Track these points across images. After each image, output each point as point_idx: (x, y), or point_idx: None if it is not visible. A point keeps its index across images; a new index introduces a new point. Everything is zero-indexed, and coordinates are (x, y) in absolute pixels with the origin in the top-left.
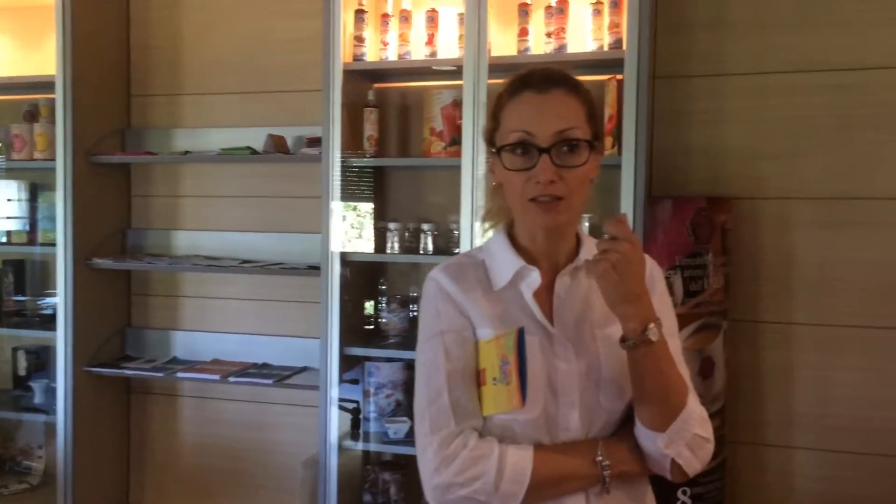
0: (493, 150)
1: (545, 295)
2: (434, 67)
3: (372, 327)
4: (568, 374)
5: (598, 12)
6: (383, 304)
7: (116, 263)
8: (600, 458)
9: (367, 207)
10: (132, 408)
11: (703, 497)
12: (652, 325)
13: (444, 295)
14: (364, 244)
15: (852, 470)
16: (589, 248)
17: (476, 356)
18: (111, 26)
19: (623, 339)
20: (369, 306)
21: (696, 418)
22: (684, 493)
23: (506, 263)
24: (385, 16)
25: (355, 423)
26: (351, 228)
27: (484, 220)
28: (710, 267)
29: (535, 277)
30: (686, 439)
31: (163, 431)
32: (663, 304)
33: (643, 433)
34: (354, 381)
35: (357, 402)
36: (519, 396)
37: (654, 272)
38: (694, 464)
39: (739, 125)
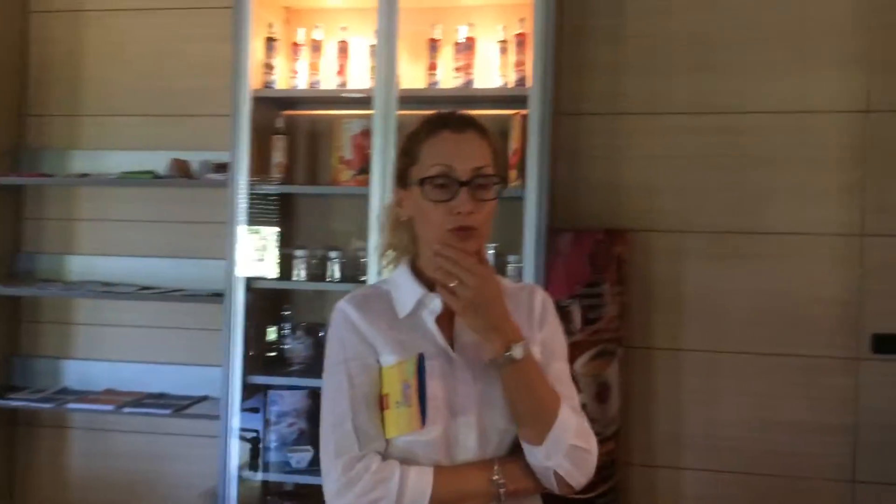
0: (409, 184)
1: (446, 322)
2: (344, 96)
3: (275, 355)
4: (467, 396)
5: (504, 50)
6: (287, 332)
7: (5, 289)
8: (496, 477)
9: (274, 234)
10: (17, 441)
11: None
12: (515, 346)
13: (350, 325)
14: (270, 271)
15: (738, 489)
16: None
17: (380, 382)
18: (4, 44)
19: (491, 361)
20: (273, 334)
21: (572, 430)
22: None
23: (409, 293)
24: (296, 45)
25: (255, 454)
26: (256, 255)
27: (385, 253)
28: (607, 296)
29: (436, 304)
30: (563, 451)
31: (51, 466)
32: (554, 332)
33: (526, 449)
34: (255, 410)
35: (257, 431)
36: (419, 418)
37: (545, 303)
38: (576, 476)
39: (635, 161)
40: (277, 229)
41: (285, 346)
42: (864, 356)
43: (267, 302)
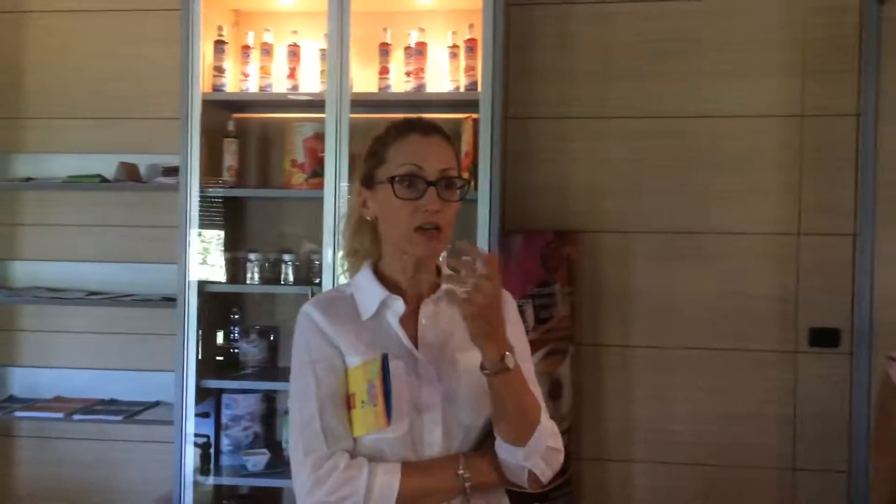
0: (376, 185)
1: (411, 322)
2: (294, 98)
3: (229, 359)
4: (431, 394)
5: (454, 55)
6: (236, 335)
7: None
8: (461, 471)
9: (226, 237)
10: None
11: None
12: (508, 354)
13: (315, 327)
14: (222, 274)
15: (687, 480)
16: None
17: (346, 383)
18: None
19: (482, 367)
20: (225, 337)
21: (548, 433)
22: None
23: (372, 295)
24: (246, 48)
25: (206, 459)
26: (209, 259)
27: (347, 256)
28: (558, 296)
29: (398, 306)
30: (541, 452)
31: None
32: (517, 331)
33: (504, 448)
34: (205, 415)
35: (207, 436)
36: (385, 417)
37: (509, 304)
38: (547, 473)
39: (583, 164)
40: (229, 233)
41: (238, 350)
42: (802, 349)
43: (219, 306)
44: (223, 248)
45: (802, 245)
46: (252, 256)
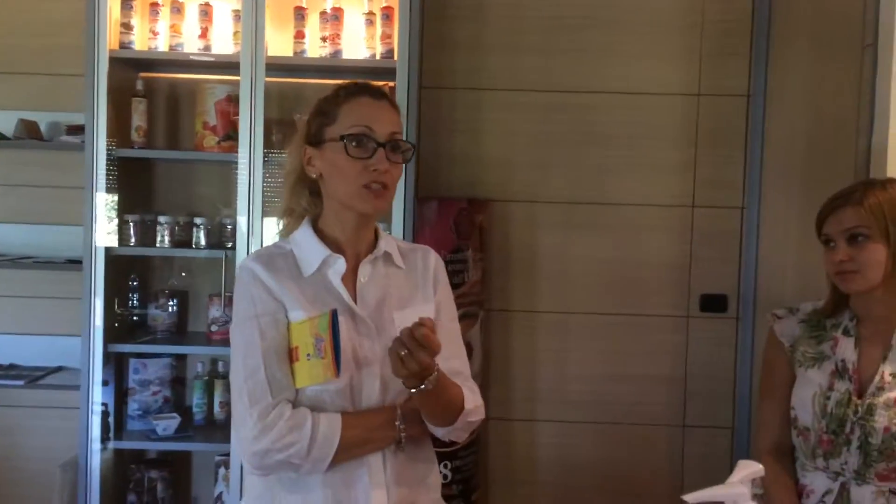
0: (323, 142)
1: (349, 280)
2: (207, 60)
3: (137, 323)
4: (370, 349)
5: (370, 22)
6: (143, 300)
7: None
8: (398, 422)
9: (135, 200)
10: None
11: (461, 469)
12: (429, 378)
13: (258, 282)
14: (130, 237)
15: (587, 437)
16: (386, 241)
17: (288, 336)
18: None
19: (405, 384)
20: (134, 302)
21: (470, 413)
22: (445, 466)
23: (313, 252)
24: (154, 4)
25: (105, 427)
26: (115, 221)
27: (285, 214)
28: (470, 262)
29: (340, 264)
30: (462, 427)
31: None
32: (447, 293)
33: (429, 426)
34: (104, 383)
35: (106, 404)
36: (334, 368)
37: (437, 265)
38: (464, 437)
39: (494, 136)
40: (138, 195)
41: (147, 314)
42: (693, 314)
43: (126, 270)
44: (131, 211)
45: (696, 217)
46: (162, 219)
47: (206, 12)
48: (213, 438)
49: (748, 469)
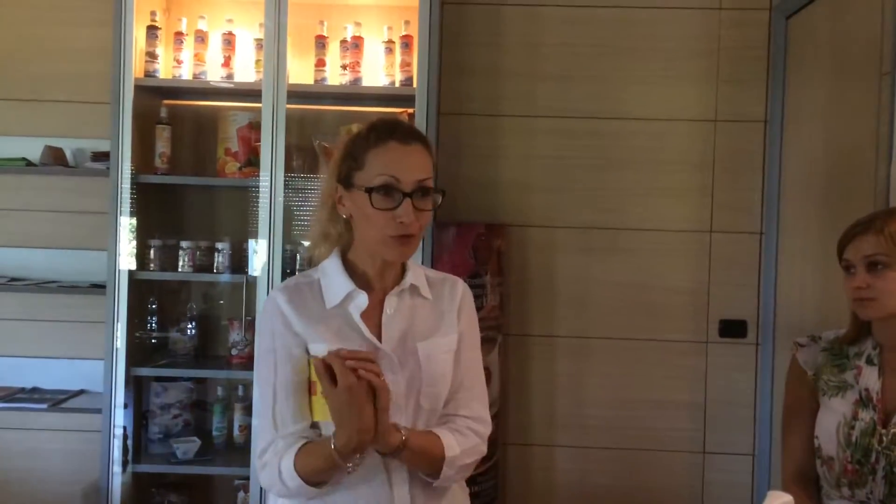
0: (352, 187)
1: (375, 312)
2: (230, 87)
3: (157, 347)
4: (394, 382)
5: (389, 51)
6: (165, 324)
7: None
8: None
9: (157, 225)
10: None
11: (479, 495)
12: (397, 446)
13: (280, 315)
14: (153, 262)
15: (605, 463)
16: (414, 272)
17: (308, 370)
18: None
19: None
20: (156, 325)
21: (458, 457)
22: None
23: (339, 285)
24: (179, 34)
25: (125, 450)
26: (139, 246)
27: (316, 241)
28: (489, 287)
29: (362, 300)
30: (453, 474)
31: None
32: (471, 323)
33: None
34: (125, 406)
35: (125, 427)
36: None
37: (465, 295)
38: (462, 477)
39: (512, 160)
40: (160, 220)
41: (168, 337)
42: (713, 339)
43: (149, 294)
44: (154, 236)
45: (714, 242)
46: (184, 244)
47: (228, 41)
48: (232, 462)
49: (778, 500)
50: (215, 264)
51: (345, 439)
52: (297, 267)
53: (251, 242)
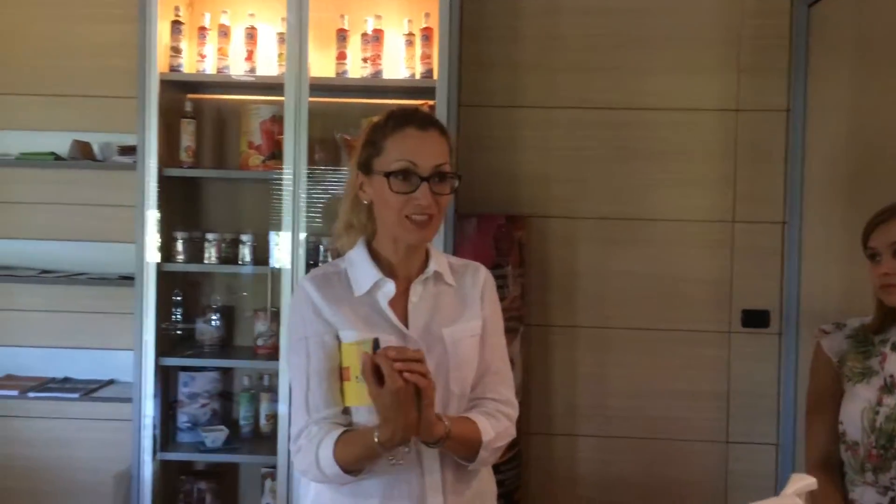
0: (372, 172)
1: (401, 300)
2: (252, 81)
3: (185, 337)
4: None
5: (410, 43)
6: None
7: None
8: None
9: (183, 217)
10: None
11: (503, 484)
12: (441, 436)
13: (310, 303)
14: (179, 254)
15: (627, 453)
16: (437, 259)
17: (339, 356)
18: None
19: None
20: (182, 316)
21: (492, 444)
22: None
23: (366, 274)
24: (202, 29)
25: (153, 437)
26: (166, 238)
27: (340, 231)
28: (510, 277)
29: (390, 288)
30: (487, 457)
31: None
32: (495, 309)
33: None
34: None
35: (153, 416)
36: None
37: (487, 281)
38: (493, 461)
39: (532, 152)
40: (186, 213)
41: (195, 328)
42: (735, 329)
43: (176, 285)
44: (180, 228)
45: (736, 232)
46: (209, 236)
47: (251, 35)
48: (259, 451)
49: (801, 482)
50: (240, 256)
51: (389, 434)
52: (321, 258)
53: (273, 235)
